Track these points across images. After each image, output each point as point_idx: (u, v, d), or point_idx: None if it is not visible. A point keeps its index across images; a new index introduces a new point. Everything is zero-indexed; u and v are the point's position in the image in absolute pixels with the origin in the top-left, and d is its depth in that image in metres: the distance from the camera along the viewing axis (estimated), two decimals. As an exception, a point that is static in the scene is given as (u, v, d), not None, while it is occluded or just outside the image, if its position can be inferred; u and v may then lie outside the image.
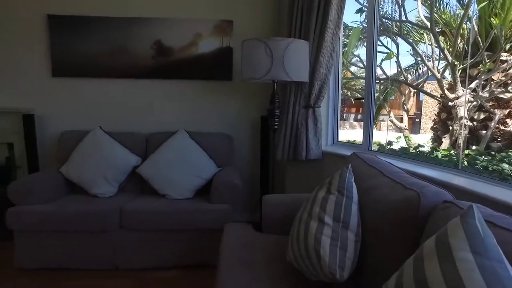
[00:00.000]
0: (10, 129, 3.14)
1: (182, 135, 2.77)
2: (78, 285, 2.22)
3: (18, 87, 3.19)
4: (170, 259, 2.39)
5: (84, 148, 2.71)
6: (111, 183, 2.63)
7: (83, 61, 3.08)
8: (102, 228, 2.31)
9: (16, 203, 2.37)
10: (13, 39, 3.12)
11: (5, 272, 2.37)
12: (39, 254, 2.36)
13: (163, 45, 3.06)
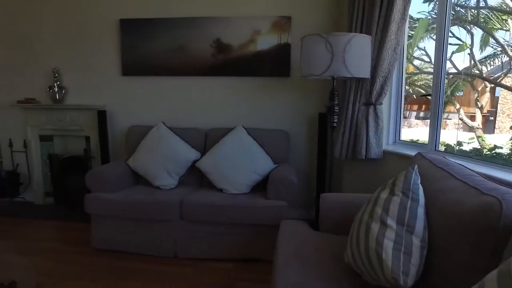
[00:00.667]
0: (87, 123, 3.47)
1: (240, 131, 2.83)
2: (141, 268, 2.39)
3: (94, 86, 3.51)
4: (226, 251, 2.47)
5: (148, 142, 2.89)
6: (172, 176, 2.78)
7: (148, 60, 3.29)
8: (164, 218, 2.45)
9: (92, 190, 2.62)
10: (91, 42, 3.44)
11: (84, 249, 2.65)
12: (109, 237, 2.59)
13: (222, 43, 3.14)
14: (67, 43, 3.50)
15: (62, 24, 3.47)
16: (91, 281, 2.24)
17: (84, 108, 3.44)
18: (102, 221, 2.58)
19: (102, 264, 2.46)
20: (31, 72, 3.63)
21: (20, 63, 3.64)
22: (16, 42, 3.62)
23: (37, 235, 2.98)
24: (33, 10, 3.52)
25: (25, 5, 3.53)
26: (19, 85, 3.68)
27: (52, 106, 3.52)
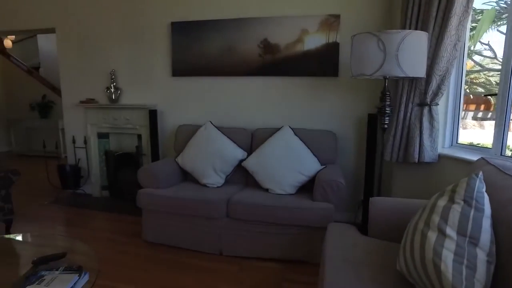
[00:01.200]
0: (140, 122, 3.66)
1: (286, 131, 2.82)
2: (190, 263, 2.47)
3: (146, 87, 3.69)
4: (270, 251, 2.47)
5: (196, 141, 2.98)
6: (219, 175, 2.84)
7: (197, 61, 3.39)
8: (211, 215, 2.51)
9: (143, 186, 2.76)
10: (144, 45, 3.62)
11: (136, 241, 2.80)
12: (159, 231, 2.71)
13: (270, 43, 3.15)
14: (123, 47, 3.72)
15: (119, 29, 3.70)
16: (143, 271, 2.37)
17: (136, 107, 3.63)
18: (153, 215, 2.71)
19: (152, 256, 2.58)
20: (92, 74, 3.91)
21: (84, 66, 3.94)
22: (81, 47, 3.92)
23: (95, 224, 3.21)
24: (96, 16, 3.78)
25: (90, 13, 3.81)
26: (82, 87, 3.98)
27: (108, 106, 3.76)
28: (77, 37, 3.92)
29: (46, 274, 1.42)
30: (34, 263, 1.59)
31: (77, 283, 1.40)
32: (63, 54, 4.04)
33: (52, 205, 3.76)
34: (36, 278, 1.39)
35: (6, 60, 7.18)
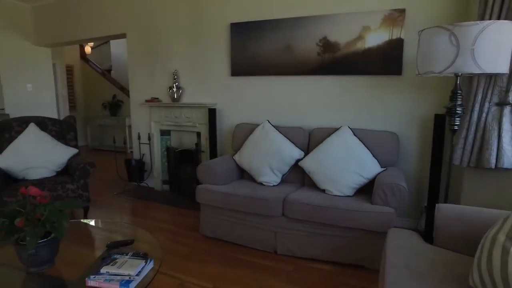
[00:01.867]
0: (199, 120, 3.82)
1: (345, 132, 2.74)
2: (244, 259, 2.52)
3: (206, 86, 3.84)
4: (326, 253, 2.42)
5: (254, 139, 3.02)
6: (276, 174, 2.86)
7: (255, 61, 3.44)
8: (266, 213, 2.53)
9: (202, 182, 2.87)
10: (205, 46, 3.77)
11: (193, 234, 2.93)
12: (216, 226, 2.80)
13: (329, 41, 3.08)
14: (186, 48, 3.91)
15: (182, 32, 3.89)
16: (200, 263, 2.46)
17: (197, 106, 3.79)
18: (210, 210, 2.81)
19: (208, 249, 2.68)
20: (157, 75, 4.18)
21: (150, 68, 4.23)
22: (148, 49, 4.21)
23: (156, 216, 3.42)
24: (162, 22, 4.03)
25: (156, 18, 4.07)
26: (148, 86, 4.27)
27: (171, 105, 3.98)
28: (145, 41, 4.21)
29: (118, 258, 1.55)
30: (108, 246, 1.75)
31: (143, 268, 1.50)
32: (132, 57, 4.37)
33: (119, 196, 4.09)
34: (110, 260, 1.52)
35: (85, 64, 7.98)
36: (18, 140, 3.11)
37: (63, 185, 2.97)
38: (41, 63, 5.70)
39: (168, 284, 2.19)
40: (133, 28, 4.31)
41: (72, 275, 1.54)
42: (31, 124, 3.25)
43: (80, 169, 3.03)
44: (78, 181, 3.04)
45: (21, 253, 1.47)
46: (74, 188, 3.02)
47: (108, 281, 1.40)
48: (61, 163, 3.25)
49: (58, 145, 3.27)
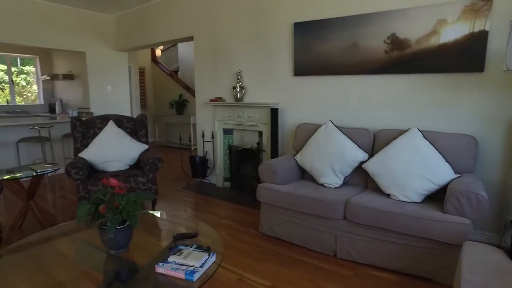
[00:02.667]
0: (261, 120, 3.87)
1: (414, 134, 2.56)
2: (303, 260, 2.49)
3: (268, 86, 3.88)
4: (389, 261, 2.29)
5: (316, 140, 2.98)
6: (338, 175, 2.78)
7: (318, 60, 3.38)
8: (327, 215, 2.48)
9: (263, 181, 2.91)
10: (268, 47, 3.80)
11: (252, 231, 2.98)
12: (275, 225, 2.82)
13: (398, 38, 2.91)
14: (249, 49, 3.99)
15: (246, 33, 3.98)
16: (258, 260, 2.50)
17: (259, 106, 3.84)
18: (270, 209, 2.83)
19: (267, 248, 2.70)
20: (221, 75, 4.33)
21: (215, 68, 4.40)
22: (214, 51, 4.39)
23: (217, 211, 3.54)
24: (227, 24, 4.17)
25: (222, 21, 4.22)
26: (213, 86, 4.45)
27: (234, 104, 4.09)
28: (210, 43, 4.39)
29: (183, 249, 1.64)
30: (174, 237, 1.86)
31: (206, 261, 1.56)
32: (198, 58, 4.59)
33: (183, 190, 4.32)
34: (176, 250, 1.62)
35: (155, 66, 8.59)
36: (99, 136, 3.46)
37: (135, 178, 3.22)
38: (119, 67, 6.27)
39: (227, 278, 2.26)
40: (199, 31, 4.52)
41: (143, 261, 1.67)
42: (110, 121, 3.59)
43: (150, 163, 3.26)
44: (148, 174, 3.28)
45: (103, 236, 1.63)
46: (144, 181, 3.26)
47: (175, 270, 1.49)
48: (133, 158, 3.53)
49: (132, 141, 3.56)
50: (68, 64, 7.34)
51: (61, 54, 7.51)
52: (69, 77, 7.20)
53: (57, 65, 7.86)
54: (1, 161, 4.73)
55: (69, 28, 5.49)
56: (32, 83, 8.12)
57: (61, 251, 1.79)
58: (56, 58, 7.83)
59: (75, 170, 2.98)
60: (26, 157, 4.98)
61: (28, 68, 8.02)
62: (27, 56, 7.87)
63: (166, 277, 1.49)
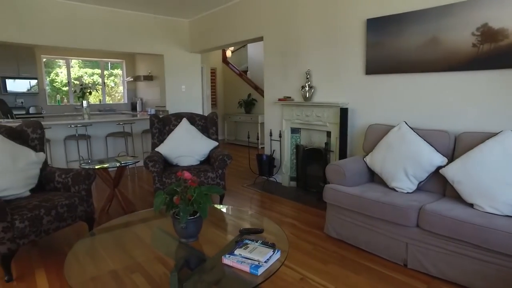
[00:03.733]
0: (330, 120, 3.78)
1: (508, 137, 2.25)
2: (369, 267, 2.38)
3: (338, 85, 3.77)
4: (471, 278, 2.06)
5: (388, 141, 2.81)
6: (411, 180, 2.59)
7: (393, 58, 3.18)
8: (398, 221, 2.33)
9: (330, 181, 2.84)
10: (338, 45, 3.70)
11: (316, 232, 2.94)
12: (341, 227, 2.74)
13: (492, 28, 2.59)
14: (319, 48, 3.93)
15: (315, 32, 3.92)
16: (321, 262, 2.45)
17: (328, 105, 3.76)
18: (336, 211, 2.75)
19: (331, 250, 2.64)
20: (290, 75, 4.34)
21: (284, 68, 4.42)
22: (283, 51, 4.42)
23: (282, 210, 3.56)
24: (297, 23, 4.16)
25: (291, 21, 4.23)
26: (282, 85, 4.48)
27: (302, 104, 4.06)
28: (280, 43, 4.42)
29: (249, 243, 1.68)
30: (240, 232, 1.91)
31: (271, 257, 1.58)
32: (268, 58, 4.65)
33: (249, 188, 4.42)
34: (242, 244, 1.67)
35: (225, 67, 8.94)
36: (174, 132, 3.72)
37: (205, 173, 3.39)
38: (192, 68, 6.66)
39: (289, 277, 2.26)
40: (269, 31, 4.58)
41: (211, 251, 1.75)
42: (184, 119, 3.83)
43: (219, 160, 3.40)
44: (217, 170, 3.43)
45: (176, 225, 1.75)
46: (213, 176, 3.42)
47: (240, 262, 1.53)
48: (204, 154, 3.72)
49: (203, 138, 3.75)
50: (149, 66, 8.02)
51: (143, 57, 8.24)
52: (149, 78, 7.86)
53: (139, 67, 8.65)
54: (94, 152, 5.38)
55: (151, 33, 5.99)
56: (119, 84, 9.05)
57: (139, 235, 1.97)
58: (139, 61, 8.61)
59: (152, 163, 3.24)
60: (112, 149, 5.58)
61: (116, 71, 8.97)
62: (116, 60, 8.81)
63: (232, 268, 1.55)
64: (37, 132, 2.90)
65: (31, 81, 7.20)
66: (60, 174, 2.78)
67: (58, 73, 8.12)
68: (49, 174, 2.83)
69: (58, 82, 8.12)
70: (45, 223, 2.38)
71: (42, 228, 2.39)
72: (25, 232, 2.27)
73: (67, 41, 5.14)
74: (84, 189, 2.71)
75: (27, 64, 7.07)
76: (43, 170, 2.84)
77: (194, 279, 1.50)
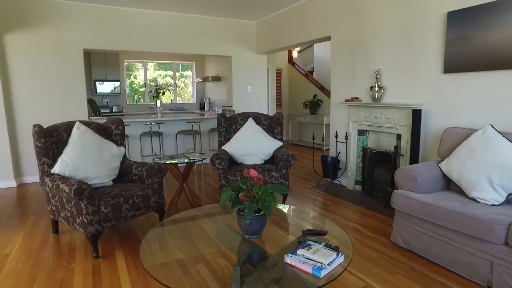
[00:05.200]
0: (400, 122, 3.56)
1: None
2: (441, 283, 2.18)
3: (411, 85, 3.52)
4: None
5: (469, 146, 2.55)
6: (497, 190, 2.31)
7: (478, 53, 2.88)
8: (480, 236, 2.09)
9: (400, 187, 2.67)
10: (411, 43, 3.46)
11: (382, 240, 2.78)
12: (410, 237, 2.55)
13: None
14: (389, 46, 3.71)
15: (386, 29, 3.71)
16: (387, 271, 2.31)
17: (399, 107, 3.53)
18: (405, 219, 2.58)
19: (398, 259, 2.47)
20: (359, 75, 4.18)
21: (352, 68, 4.28)
22: (351, 50, 4.27)
23: (345, 214, 3.44)
24: (366, 21, 3.99)
25: (360, 19, 4.07)
26: (349, 86, 4.34)
27: (370, 105, 3.88)
28: (348, 42, 4.27)
29: (312, 244, 1.66)
30: (303, 232, 1.90)
31: (334, 260, 1.54)
32: (335, 58, 4.54)
33: (313, 189, 4.35)
34: (305, 245, 1.65)
35: (291, 67, 8.93)
36: (240, 131, 3.82)
37: (269, 172, 3.43)
38: (259, 68, 6.77)
39: (352, 283, 2.17)
40: (336, 30, 4.46)
41: (273, 249, 1.76)
42: (250, 118, 3.92)
43: (284, 160, 3.41)
44: (281, 170, 3.44)
45: (240, 221, 1.80)
46: (277, 176, 3.44)
47: (303, 263, 1.52)
48: (268, 153, 3.76)
49: (268, 138, 3.80)
50: (216, 68, 8.37)
51: (212, 59, 8.63)
52: (217, 79, 8.20)
53: (208, 69, 9.07)
54: (166, 148, 5.78)
55: (220, 36, 6.24)
56: (188, 85, 9.59)
57: (205, 228, 2.06)
58: (207, 62, 9.04)
59: (219, 161, 3.37)
60: (182, 146, 5.94)
61: (186, 73, 9.52)
62: (186, 62, 9.36)
63: (294, 268, 1.54)
64: (119, 129, 3.21)
65: (115, 83, 8.01)
66: (136, 167, 3.04)
67: (136, 75, 8.90)
68: (127, 166, 3.11)
69: (136, 83, 8.90)
70: (123, 210, 2.62)
71: (121, 215, 2.63)
72: (108, 216, 2.53)
73: (145, 46, 5.61)
74: (156, 182, 2.92)
75: (112, 68, 7.90)
76: (123, 162, 3.13)
77: (256, 275, 1.52)
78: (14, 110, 4.78)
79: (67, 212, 2.61)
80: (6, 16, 4.60)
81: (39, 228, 3.16)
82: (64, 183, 2.45)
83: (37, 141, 2.69)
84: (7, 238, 2.94)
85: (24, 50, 4.76)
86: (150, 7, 5.39)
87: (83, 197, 2.36)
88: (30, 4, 4.73)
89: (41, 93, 4.91)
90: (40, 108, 4.92)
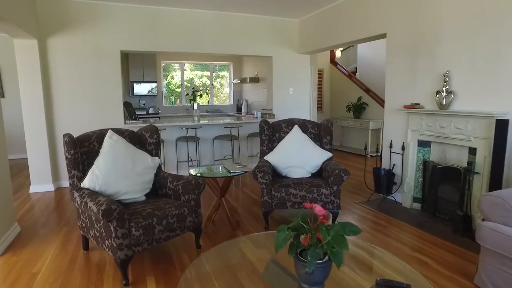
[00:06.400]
0: (476, 133, 3.00)
1: None
2: None
3: (492, 88, 2.95)
4: None
5: None
6: None
7: None
8: None
9: (487, 217, 2.16)
10: (492, 34, 2.87)
11: (465, 284, 2.26)
12: (504, 282, 2.03)
13: None
14: (462, 43, 3.15)
15: (457, 23, 3.15)
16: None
17: (475, 115, 2.97)
18: (497, 259, 2.06)
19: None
20: (421, 77, 3.64)
21: (412, 69, 3.73)
22: (411, 49, 3.74)
23: (402, 238, 2.95)
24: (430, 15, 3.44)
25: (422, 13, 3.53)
26: (408, 90, 3.80)
27: (435, 112, 3.34)
28: (408, 39, 3.74)
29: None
30: (377, 283, 1.48)
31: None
32: (391, 58, 4.02)
33: (362, 205, 3.87)
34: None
35: (333, 68, 8.40)
36: (284, 140, 3.43)
37: (318, 188, 3.01)
38: (301, 69, 6.33)
39: None
40: (393, 26, 3.94)
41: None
42: (295, 126, 3.52)
43: (335, 175, 2.98)
44: (332, 186, 3.01)
45: (299, 268, 1.41)
46: (327, 193, 3.01)
47: None
48: (316, 166, 3.34)
49: (316, 148, 3.38)
50: (255, 68, 8.02)
51: (250, 59, 8.29)
52: (255, 80, 7.85)
53: (245, 69, 8.75)
54: (202, 154, 5.52)
55: (259, 35, 5.86)
56: (224, 85, 9.33)
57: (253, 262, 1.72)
58: (245, 63, 8.71)
59: (262, 174, 3.01)
60: (219, 151, 5.64)
61: (223, 73, 9.27)
62: (224, 63, 9.10)
63: None
64: (154, 137, 2.94)
65: (152, 84, 7.90)
66: (171, 181, 2.74)
67: (173, 76, 8.77)
68: (162, 179, 2.83)
69: (172, 84, 8.78)
70: (156, 233, 2.33)
71: (154, 237, 2.34)
72: (139, 240, 2.24)
73: (183, 46, 5.36)
74: (193, 198, 2.61)
75: (149, 69, 7.80)
76: (157, 175, 2.85)
77: None
78: (54, 115, 4.71)
79: (96, 231, 2.36)
80: (47, 20, 4.53)
81: (70, 242, 2.96)
82: (93, 201, 2.19)
83: (66, 152, 2.46)
84: (38, 252, 2.77)
85: (63, 54, 4.67)
86: (188, 5, 5.14)
87: (112, 218, 2.08)
88: (70, 7, 4.63)
89: (78, 97, 4.80)
90: (76, 112, 4.82)
